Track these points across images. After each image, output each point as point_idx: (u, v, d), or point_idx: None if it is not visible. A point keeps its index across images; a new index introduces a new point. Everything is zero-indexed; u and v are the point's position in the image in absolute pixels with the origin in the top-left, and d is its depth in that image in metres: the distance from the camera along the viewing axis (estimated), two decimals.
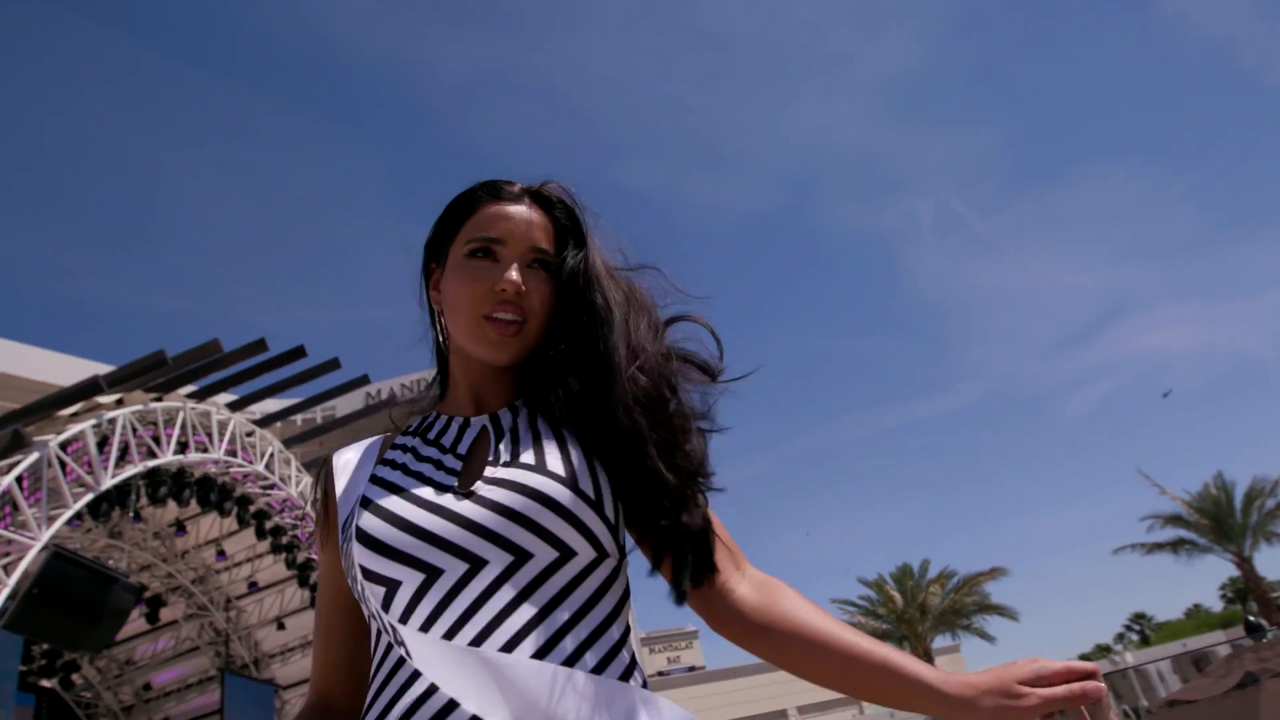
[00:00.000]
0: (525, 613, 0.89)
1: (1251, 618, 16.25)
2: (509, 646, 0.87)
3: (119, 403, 11.34)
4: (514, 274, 1.04)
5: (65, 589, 9.44)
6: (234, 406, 14.22)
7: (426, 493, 0.97)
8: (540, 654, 0.87)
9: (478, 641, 0.87)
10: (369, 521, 0.95)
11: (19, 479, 9.43)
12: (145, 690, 17.26)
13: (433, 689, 0.86)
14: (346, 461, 1.12)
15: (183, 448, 12.26)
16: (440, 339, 1.18)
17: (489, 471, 0.97)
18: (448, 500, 0.95)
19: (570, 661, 0.87)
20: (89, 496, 10.34)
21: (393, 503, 0.97)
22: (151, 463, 11.47)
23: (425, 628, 0.89)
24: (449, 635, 0.88)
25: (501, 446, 1.01)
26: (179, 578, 15.93)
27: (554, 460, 0.96)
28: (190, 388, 12.83)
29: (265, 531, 14.96)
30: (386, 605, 0.92)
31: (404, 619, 0.90)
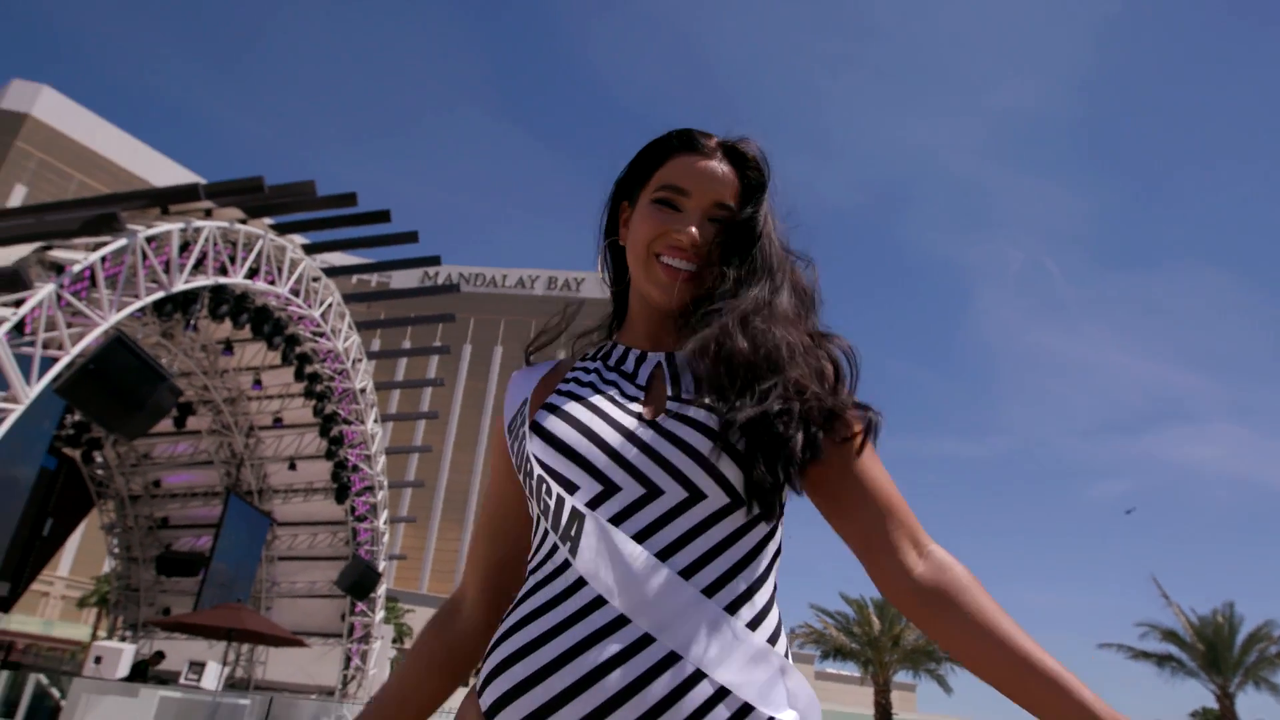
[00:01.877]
0: (695, 550, 0.92)
1: None
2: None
3: (208, 214, 11.66)
4: (693, 229, 1.08)
5: (117, 373, 9.81)
6: (307, 250, 14.54)
7: (611, 409, 1.01)
8: (706, 594, 0.90)
9: None
10: (553, 423, 1.01)
11: (103, 259, 9.79)
12: (155, 486, 18.03)
13: (589, 590, 0.90)
14: (519, 376, 1.19)
15: (253, 274, 12.61)
16: (611, 275, 1.24)
17: (670, 405, 1.00)
18: (630, 422, 0.99)
19: (730, 609, 0.91)
20: (160, 294, 10.71)
21: (576, 409, 1.02)
22: (221, 280, 11.82)
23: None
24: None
25: (681, 383, 1.04)
26: (213, 393, 16.50)
27: (723, 405, 0.97)
28: (278, 219, 13.12)
29: (304, 375, 15.40)
30: (560, 502, 0.96)
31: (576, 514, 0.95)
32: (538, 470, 1.00)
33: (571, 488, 0.96)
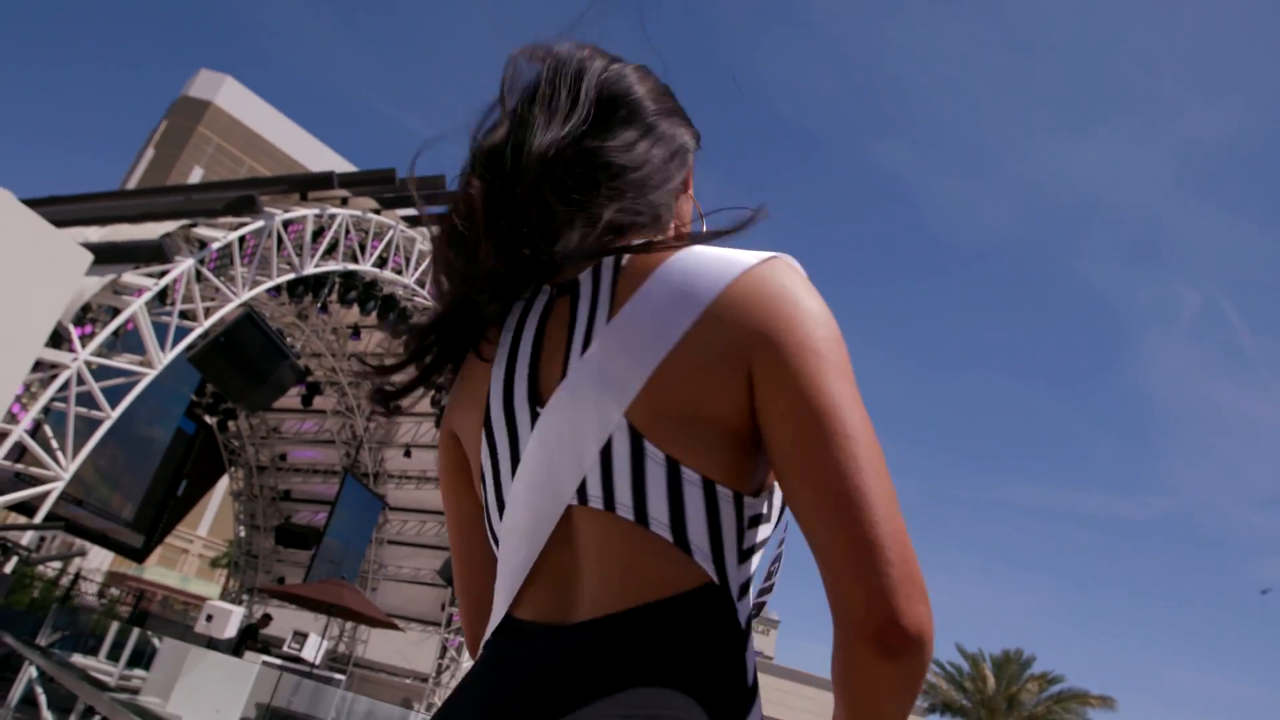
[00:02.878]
0: None
1: None
2: None
3: (344, 202, 12.05)
4: None
5: (244, 347, 10.26)
6: None
7: None
8: None
9: None
10: None
11: (242, 239, 10.24)
12: (281, 459, 18.91)
13: None
14: None
15: (382, 263, 12.95)
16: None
17: None
18: None
19: None
20: (291, 275, 11.13)
21: None
22: (351, 266, 12.20)
23: None
24: None
25: None
26: (340, 375, 17.14)
27: None
28: (409, 211, 13.45)
29: None
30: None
31: None
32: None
33: None
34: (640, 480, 0.80)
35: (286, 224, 10.85)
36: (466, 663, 18.91)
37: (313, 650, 14.30)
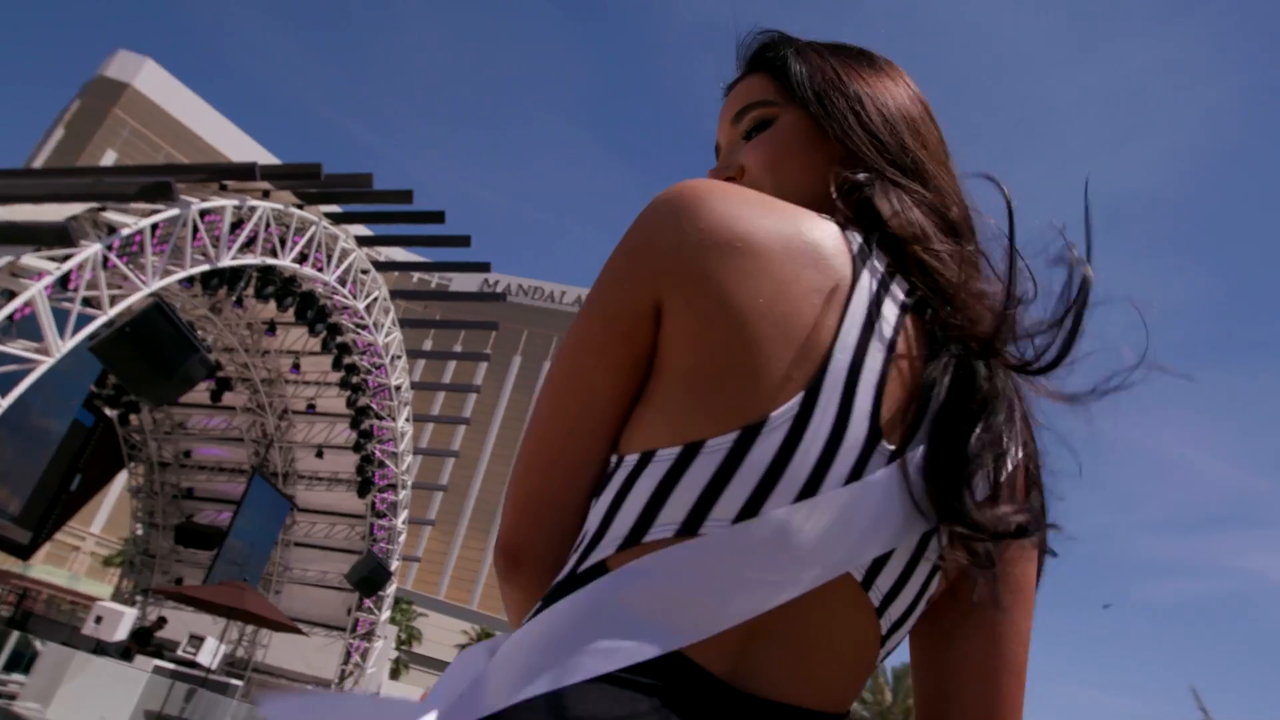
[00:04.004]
0: None
1: None
2: None
3: (265, 195, 11.79)
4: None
5: (151, 339, 9.88)
6: (364, 241, 14.63)
7: None
8: None
9: None
10: None
11: (154, 226, 9.91)
12: (185, 456, 18.24)
13: None
14: None
15: (302, 259, 12.69)
16: None
17: None
18: None
19: None
20: (205, 267, 10.82)
21: None
22: (270, 260, 11.92)
23: None
24: None
25: None
26: (252, 371, 16.67)
27: None
28: (334, 208, 13.22)
29: (342, 365, 15.46)
30: None
31: None
32: None
33: None
34: (915, 605, 0.68)
35: (203, 214, 10.55)
36: (372, 670, 18.56)
37: (209, 654, 13.84)
